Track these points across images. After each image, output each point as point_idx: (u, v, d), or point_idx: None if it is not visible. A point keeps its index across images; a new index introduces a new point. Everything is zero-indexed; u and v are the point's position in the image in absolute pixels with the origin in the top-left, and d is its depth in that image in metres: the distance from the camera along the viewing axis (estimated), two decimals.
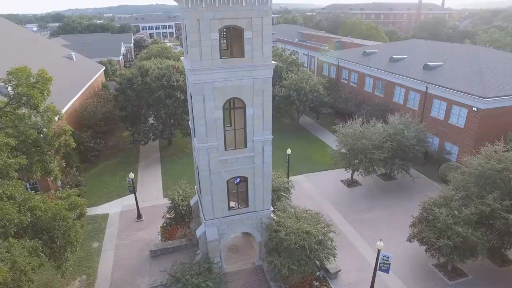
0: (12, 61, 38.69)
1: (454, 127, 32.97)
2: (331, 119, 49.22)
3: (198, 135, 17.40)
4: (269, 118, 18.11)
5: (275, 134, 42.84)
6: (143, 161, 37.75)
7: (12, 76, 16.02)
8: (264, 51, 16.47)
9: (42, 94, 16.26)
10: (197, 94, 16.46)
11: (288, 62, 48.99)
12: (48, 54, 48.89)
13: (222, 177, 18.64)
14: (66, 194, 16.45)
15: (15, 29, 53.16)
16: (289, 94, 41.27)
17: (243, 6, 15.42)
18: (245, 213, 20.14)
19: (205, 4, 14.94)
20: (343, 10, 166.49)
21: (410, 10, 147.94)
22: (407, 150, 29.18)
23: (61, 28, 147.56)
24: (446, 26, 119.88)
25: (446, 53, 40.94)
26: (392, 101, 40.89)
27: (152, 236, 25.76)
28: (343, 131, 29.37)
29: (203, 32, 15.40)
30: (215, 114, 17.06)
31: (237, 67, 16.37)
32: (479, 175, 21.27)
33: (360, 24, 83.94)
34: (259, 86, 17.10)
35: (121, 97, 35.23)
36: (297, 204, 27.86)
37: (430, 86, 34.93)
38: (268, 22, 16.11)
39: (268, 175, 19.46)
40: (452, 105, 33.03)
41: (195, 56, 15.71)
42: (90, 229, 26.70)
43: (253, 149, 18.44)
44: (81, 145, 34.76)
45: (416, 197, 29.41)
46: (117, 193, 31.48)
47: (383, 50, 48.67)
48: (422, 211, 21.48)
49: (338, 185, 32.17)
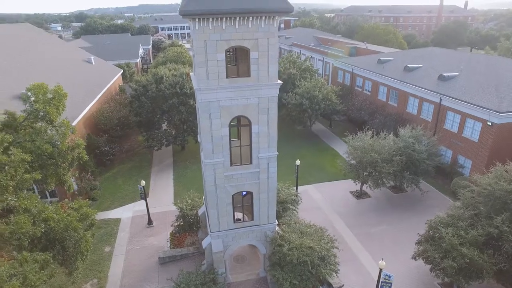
0: (36, 66, 40.41)
1: (467, 140, 32.41)
2: (344, 127, 49.15)
3: (205, 151, 17.89)
4: (275, 136, 18.42)
5: (287, 141, 43.98)
6: (156, 166, 38.67)
7: (31, 92, 16.93)
8: (270, 70, 16.80)
9: (57, 109, 17.14)
10: (204, 112, 16.95)
11: (302, 69, 49.05)
12: (69, 58, 50.56)
13: (227, 192, 19.09)
14: (78, 205, 17.24)
15: (40, 34, 55.25)
16: (302, 102, 41.38)
17: (249, 28, 15.80)
18: (250, 226, 20.54)
19: (212, 26, 15.39)
20: (362, 13, 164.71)
21: (431, 13, 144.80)
22: (417, 164, 28.90)
23: (83, 28, 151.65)
24: (468, 29, 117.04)
25: (463, 63, 40.19)
26: (405, 111, 40.46)
27: (162, 243, 26.47)
28: (352, 144, 29.33)
29: (210, 52, 15.87)
30: (221, 132, 17.51)
31: (243, 87, 16.76)
32: (488, 195, 20.94)
33: (378, 29, 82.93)
34: (265, 104, 17.44)
35: (136, 104, 36.21)
36: (304, 215, 28.30)
37: (444, 98, 34.41)
38: (274, 43, 16.43)
39: (273, 190, 19.78)
40: (466, 118, 32.46)
41: (202, 76, 16.19)
42: (102, 233, 27.68)
43: (258, 165, 18.80)
44: (97, 149, 36.00)
45: (425, 211, 29.18)
46: (130, 197, 32.41)
47: (398, 58, 48.10)
48: (429, 229, 21.34)
49: (347, 196, 32.15)
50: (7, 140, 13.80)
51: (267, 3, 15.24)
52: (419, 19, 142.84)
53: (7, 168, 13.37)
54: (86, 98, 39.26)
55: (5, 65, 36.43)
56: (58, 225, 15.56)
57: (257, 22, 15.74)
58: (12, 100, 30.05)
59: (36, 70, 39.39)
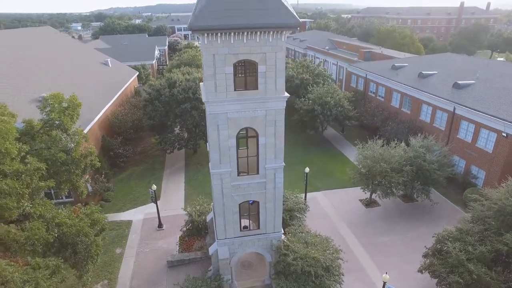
0: (55, 69, 41.77)
1: (481, 151, 31.84)
2: (357, 132, 48.84)
3: (212, 161, 18.27)
4: (281, 147, 18.64)
5: (298, 146, 44.11)
6: (168, 168, 39.41)
7: (47, 102, 17.70)
8: (277, 84, 17.04)
9: (72, 118, 17.86)
10: (212, 123, 17.33)
11: (315, 73, 49.00)
12: (87, 60, 51.97)
13: (234, 201, 19.44)
14: (90, 210, 17.91)
15: (60, 36, 56.95)
16: (313, 107, 41.41)
17: (257, 42, 16.07)
18: (256, 235, 20.83)
19: (221, 40, 15.74)
20: (379, 14, 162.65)
21: (450, 15, 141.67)
22: (427, 174, 28.60)
23: (102, 28, 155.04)
24: (489, 32, 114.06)
25: (480, 70, 39.44)
26: (418, 119, 39.98)
27: (171, 246, 27.05)
28: (362, 152, 29.26)
29: (218, 66, 16.22)
30: (228, 142, 17.85)
31: (250, 99, 17.05)
32: (499, 210, 20.63)
33: (394, 32, 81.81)
34: (272, 117, 17.69)
35: (150, 107, 36.98)
36: (311, 222, 28.47)
37: (458, 107, 33.89)
38: (282, 57, 16.65)
39: (279, 199, 20.01)
40: (480, 128, 31.90)
41: (210, 88, 16.57)
42: (114, 235, 28.47)
43: (265, 176, 19.06)
44: (111, 151, 36.98)
45: (435, 222, 28.89)
46: (142, 200, 33.17)
47: (413, 63, 47.53)
48: (436, 243, 21.18)
49: (356, 204, 32.06)
50: (24, 150, 14.53)
51: (275, 18, 15.47)
52: (438, 21, 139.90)
53: (24, 176, 14.09)
54: (102, 101, 40.35)
55: (26, 68, 37.79)
56: (70, 230, 16.23)
57: (265, 36, 16.00)
58: (31, 103, 31.18)
59: (55, 73, 40.71)
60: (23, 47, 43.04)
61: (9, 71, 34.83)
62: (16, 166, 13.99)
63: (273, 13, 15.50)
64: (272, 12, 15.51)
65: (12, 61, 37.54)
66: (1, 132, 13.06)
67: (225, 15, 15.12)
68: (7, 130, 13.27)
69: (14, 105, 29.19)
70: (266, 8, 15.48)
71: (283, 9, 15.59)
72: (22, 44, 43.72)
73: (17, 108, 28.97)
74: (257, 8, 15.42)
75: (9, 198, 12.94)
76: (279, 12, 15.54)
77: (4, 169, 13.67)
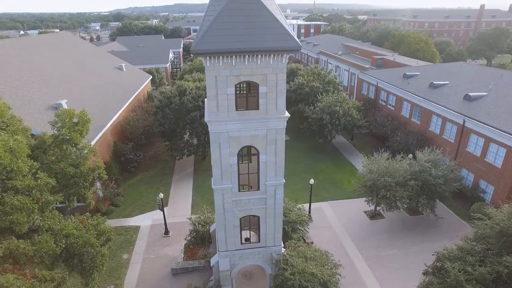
0: (71, 75, 43.21)
1: (490, 165, 31.44)
2: (366, 140, 48.76)
3: (214, 177, 18.83)
4: (282, 165, 19.06)
5: (307, 154, 44.40)
6: (177, 174, 40.28)
7: (58, 118, 18.64)
8: (278, 104, 17.46)
9: (81, 134, 18.76)
10: (214, 142, 17.90)
11: (325, 81, 49.08)
12: (102, 65, 53.45)
13: (235, 215, 19.97)
14: (96, 221, 18.76)
15: (77, 42, 58.71)
16: (322, 116, 41.57)
17: (258, 64, 16.53)
18: (256, 248, 21.31)
19: (222, 63, 16.26)
20: (396, 17, 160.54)
21: (470, 18, 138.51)
22: (433, 188, 28.48)
23: (119, 30, 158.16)
24: (510, 36, 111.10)
25: (493, 81, 38.82)
26: (428, 130, 39.66)
27: (176, 253, 27.80)
28: (367, 165, 29.35)
29: (220, 87, 16.75)
30: (230, 160, 18.39)
31: (251, 119, 17.53)
32: (501, 231, 20.51)
33: (409, 37, 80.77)
34: (273, 136, 18.13)
35: (160, 114, 37.90)
36: (315, 233, 28.82)
37: (467, 120, 33.51)
38: (282, 78, 17.06)
39: (279, 215, 20.43)
40: (490, 142, 31.49)
41: (213, 108, 17.13)
42: (122, 240, 29.43)
43: (266, 192, 19.53)
44: (122, 157, 38.07)
45: (439, 237, 28.80)
46: (150, 206, 34.08)
47: (424, 73, 47.06)
48: (436, 261, 21.20)
49: (361, 216, 32.14)
50: (35, 167, 15.44)
51: (276, 42, 15.90)
52: (456, 24, 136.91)
53: (34, 191, 14.98)
54: (115, 106, 41.54)
55: (44, 74, 39.26)
56: (77, 241, 17.09)
57: (266, 59, 16.45)
58: (48, 110, 32.48)
59: (71, 79, 42.11)
60: (43, 53, 44.67)
61: (28, 78, 36.28)
62: (28, 182, 14.89)
63: (274, 37, 15.92)
64: (273, 36, 15.94)
65: (32, 67, 39.07)
66: (14, 151, 13.96)
67: (226, 39, 15.63)
68: (19, 149, 14.16)
69: (31, 112, 30.59)
70: (267, 33, 15.92)
71: (283, 33, 16.00)
72: (42, 50, 45.36)
73: (34, 116, 30.41)
74: (258, 33, 15.87)
75: (20, 213, 13.83)
76: (280, 36, 15.95)
77: (16, 184, 14.57)
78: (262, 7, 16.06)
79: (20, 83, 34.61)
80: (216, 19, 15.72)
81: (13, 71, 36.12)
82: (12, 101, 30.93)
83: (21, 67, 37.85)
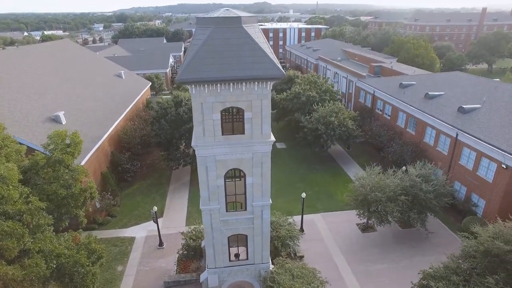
0: (70, 84, 43.84)
1: (482, 179, 31.67)
2: (363, 149, 49.02)
3: (202, 198, 19.29)
4: (268, 186, 19.47)
5: (302, 163, 44.82)
6: (173, 184, 40.78)
7: (51, 140, 19.17)
8: (263, 129, 17.88)
9: (73, 155, 19.28)
10: (201, 164, 18.34)
11: (322, 90, 49.37)
12: (101, 73, 54.08)
13: (223, 234, 20.43)
14: (88, 240, 19.27)
15: (78, 49, 59.40)
16: (317, 127, 41.91)
17: (243, 91, 16.96)
18: (245, 265, 21.77)
19: (208, 90, 16.71)
20: (397, 19, 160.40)
21: (471, 21, 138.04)
22: (423, 203, 28.78)
23: (121, 32, 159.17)
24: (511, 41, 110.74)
25: (487, 93, 39.02)
26: (422, 141, 39.89)
27: (169, 265, 28.26)
28: (358, 180, 29.69)
29: (206, 113, 17.21)
30: (217, 182, 18.83)
31: (237, 143, 17.97)
32: (486, 251, 20.80)
33: (408, 43, 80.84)
34: (259, 159, 18.55)
35: (156, 125, 38.42)
36: (305, 246, 29.22)
37: (460, 133, 33.74)
38: (267, 104, 17.48)
39: (266, 233, 20.87)
40: (481, 156, 31.72)
41: (199, 133, 17.57)
42: (117, 252, 29.94)
43: (253, 212, 19.96)
44: (119, 167, 38.62)
45: (430, 250, 29.08)
46: (146, 216, 34.56)
47: (421, 82, 47.25)
48: (421, 279, 21.53)
49: (353, 228, 32.46)
50: (26, 192, 15.96)
51: (260, 71, 16.31)
52: (457, 28, 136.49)
53: (25, 216, 15.50)
54: (113, 115, 42.10)
55: (43, 84, 39.89)
56: (68, 261, 17.58)
57: (250, 86, 16.88)
58: (45, 122, 33.08)
59: (69, 88, 42.73)
60: (43, 63, 45.33)
61: (27, 89, 36.89)
62: (19, 206, 15.41)
63: (258, 65, 16.34)
64: (257, 64, 16.36)
65: (32, 78, 39.72)
66: (4, 178, 14.47)
67: (210, 68, 16.07)
68: (10, 176, 14.68)
69: (28, 125, 31.17)
70: (251, 61, 16.33)
71: (267, 62, 16.41)
72: (42, 60, 46.02)
73: (31, 128, 30.99)
74: (242, 61, 16.29)
75: (10, 239, 14.35)
76: (264, 64, 16.37)
77: (7, 209, 15.08)
78: (246, 35, 16.47)
79: (19, 95, 35.25)
80: (200, 48, 16.15)
81: (13, 82, 36.77)
82: (11, 114, 31.63)
83: (21, 78, 38.50)
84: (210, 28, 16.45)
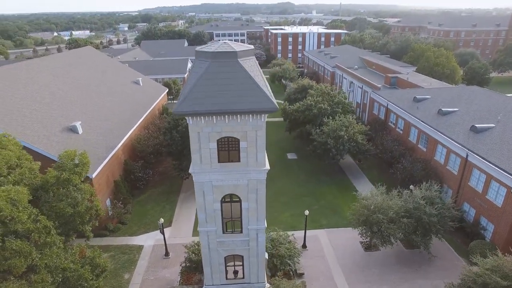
0: (89, 93, 45.82)
1: (491, 203, 31.03)
2: (374, 162, 48.64)
3: (200, 221, 20.10)
4: (263, 211, 20.05)
5: (311, 176, 45.29)
6: (184, 192, 41.97)
7: (61, 160, 20.50)
8: (258, 157, 18.48)
9: (80, 175, 20.54)
10: (198, 190, 19.14)
11: (334, 102, 49.30)
12: (119, 81, 56.05)
13: (220, 254, 21.18)
14: (93, 255, 20.48)
15: (98, 56, 61.79)
16: (327, 141, 42.03)
17: (238, 122, 17.62)
18: (241, 283, 22.44)
19: (204, 121, 17.47)
20: (421, 24, 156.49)
21: (500, 26, 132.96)
22: (427, 226, 28.54)
23: (144, 34, 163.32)
24: None
25: (504, 111, 38.02)
26: (433, 158, 39.31)
27: (174, 276, 29.30)
28: (361, 201, 29.75)
29: (203, 142, 17.98)
30: (213, 206, 19.59)
31: (233, 171, 18.65)
32: (483, 284, 20.65)
33: (428, 51, 79.02)
34: (254, 185, 19.16)
35: (168, 136, 39.65)
36: (307, 263, 29.62)
37: (470, 154, 33.13)
38: (262, 135, 18.07)
39: (262, 255, 21.46)
40: (491, 179, 31.06)
41: (196, 160, 18.37)
42: (125, 260, 31.28)
43: (248, 235, 20.60)
44: (132, 175, 40.11)
45: (433, 273, 28.84)
46: (155, 225, 35.79)
47: (435, 96, 46.39)
48: None
49: (356, 246, 32.50)
50: (34, 213, 17.26)
51: (253, 104, 16.91)
52: (484, 33, 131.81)
53: (33, 234, 16.77)
54: (128, 124, 43.72)
55: (63, 94, 41.92)
56: (73, 275, 18.80)
57: (245, 118, 17.51)
58: (63, 132, 34.88)
59: (88, 97, 44.67)
60: (65, 72, 47.55)
61: (48, 99, 38.92)
62: (27, 225, 16.70)
63: (252, 99, 16.95)
64: (252, 98, 16.97)
65: (55, 88, 41.82)
66: (14, 201, 15.75)
67: (206, 101, 16.80)
68: (19, 199, 15.97)
69: (47, 135, 32.97)
70: (246, 95, 16.95)
71: (261, 95, 16.99)
72: (64, 69, 48.27)
73: (49, 138, 32.77)
74: (238, 95, 16.94)
75: (18, 258, 15.61)
76: (257, 98, 16.96)
77: (17, 228, 16.38)
78: (241, 69, 17.11)
79: (41, 105, 37.27)
80: (197, 82, 16.92)
81: (36, 92, 38.87)
82: (32, 124, 33.55)
83: (43, 88, 40.60)
84: (208, 61, 17.18)
